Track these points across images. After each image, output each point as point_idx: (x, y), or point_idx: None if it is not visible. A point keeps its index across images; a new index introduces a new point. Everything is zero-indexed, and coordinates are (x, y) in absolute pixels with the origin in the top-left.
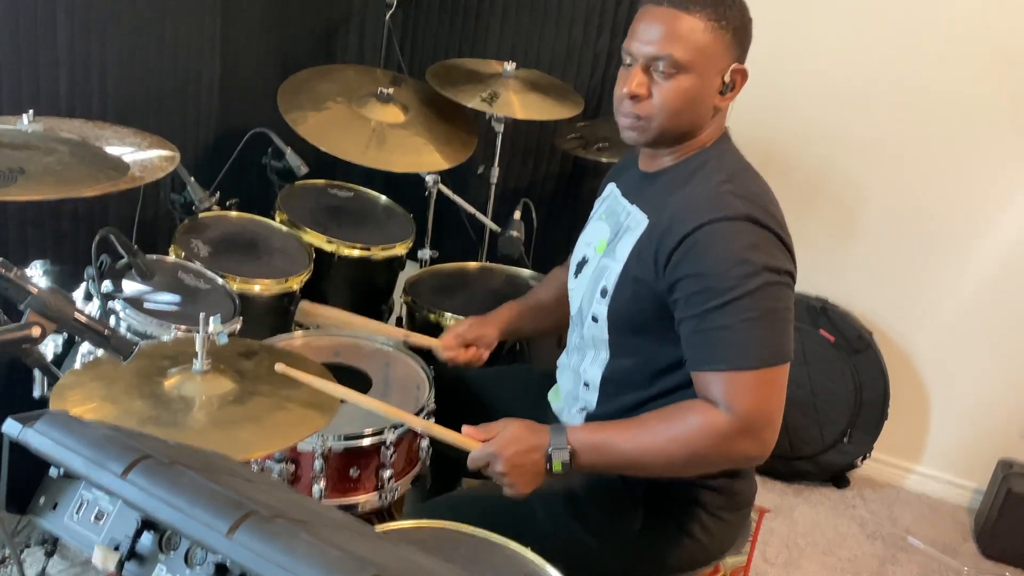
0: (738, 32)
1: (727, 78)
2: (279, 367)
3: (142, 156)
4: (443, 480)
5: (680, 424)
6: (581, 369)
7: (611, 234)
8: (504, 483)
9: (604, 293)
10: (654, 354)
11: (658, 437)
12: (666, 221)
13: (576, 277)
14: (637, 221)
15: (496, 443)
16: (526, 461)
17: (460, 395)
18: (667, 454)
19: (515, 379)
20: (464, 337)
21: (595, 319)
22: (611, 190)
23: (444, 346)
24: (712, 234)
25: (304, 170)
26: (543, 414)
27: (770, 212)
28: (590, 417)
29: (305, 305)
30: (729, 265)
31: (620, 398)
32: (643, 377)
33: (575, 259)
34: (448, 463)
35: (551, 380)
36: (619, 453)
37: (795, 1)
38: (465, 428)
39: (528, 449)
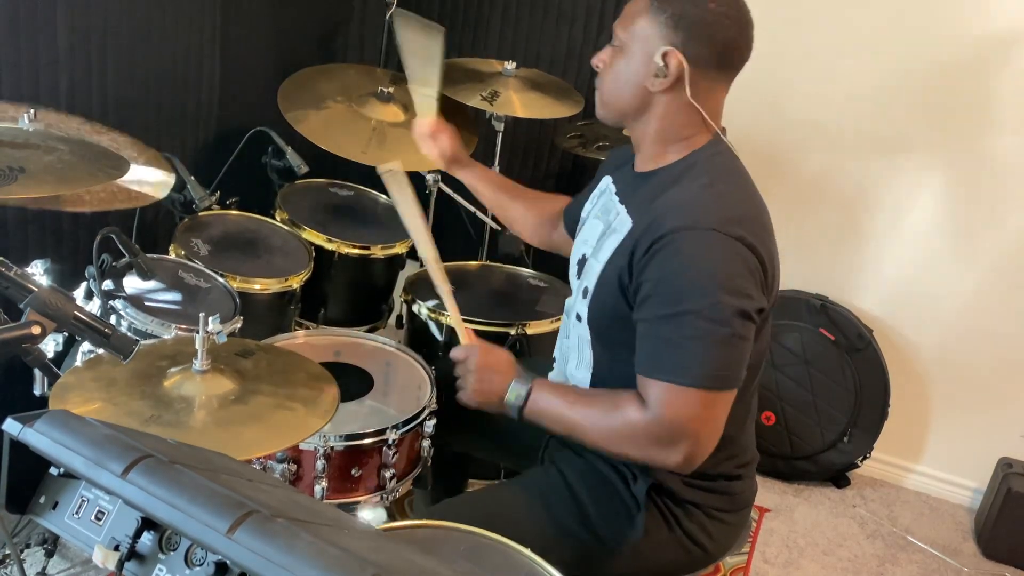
0: (677, 16)
1: (658, 60)
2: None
3: (137, 175)
4: (445, 481)
5: (612, 413)
6: (567, 373)
7: (599, 233)
8: (465, 382)
9: (585, 293)
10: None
11: (593, 421)
12: (645, 224)
13: (579, 278)
14: (623, 223)
15: (482, 347)
16: (493, 376)
17: None
18: (593, 440)
19: None
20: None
21: (579, 317)
22: (606, 185)
23: (419, 134)
24: (678, 242)
25: (304, 169)
26: None
27: (746, 222)
28: None
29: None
30: (686, 278)
31: None
32: (627, 378)
33: (575, 258)
34: (451, 466)
35: None
36: (560, 422)
37: (795, 2)
38: (470, 331)
39: (501, 370)
